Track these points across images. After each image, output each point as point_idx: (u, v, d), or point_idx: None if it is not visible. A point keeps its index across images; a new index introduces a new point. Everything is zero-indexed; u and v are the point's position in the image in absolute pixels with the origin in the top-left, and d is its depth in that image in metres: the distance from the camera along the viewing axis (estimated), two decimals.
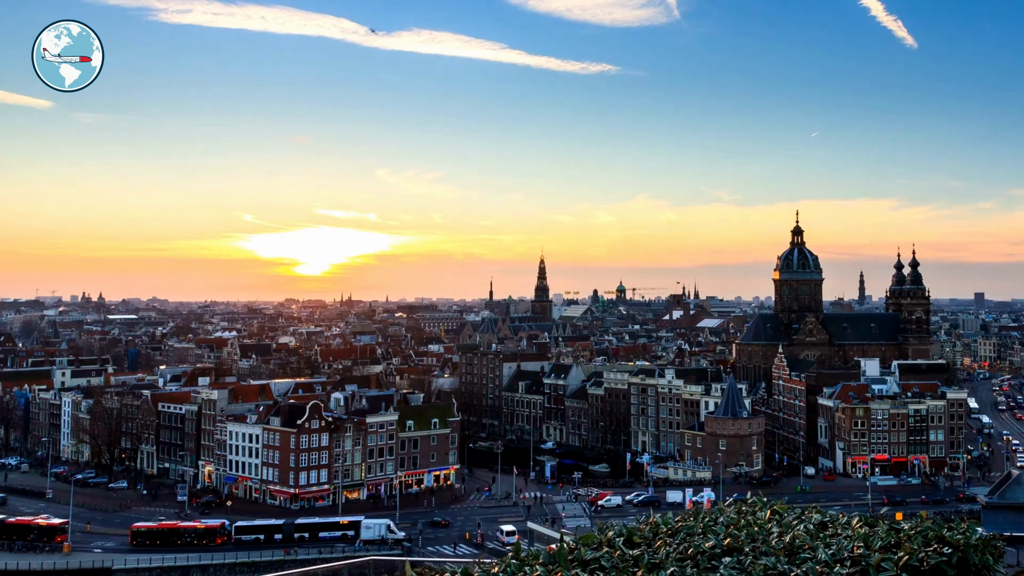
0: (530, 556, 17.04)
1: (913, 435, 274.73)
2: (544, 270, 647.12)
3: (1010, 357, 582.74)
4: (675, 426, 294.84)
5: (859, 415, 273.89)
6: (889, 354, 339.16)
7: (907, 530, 17.03)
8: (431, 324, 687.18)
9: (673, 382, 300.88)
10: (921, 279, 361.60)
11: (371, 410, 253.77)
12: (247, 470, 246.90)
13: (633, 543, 17.34)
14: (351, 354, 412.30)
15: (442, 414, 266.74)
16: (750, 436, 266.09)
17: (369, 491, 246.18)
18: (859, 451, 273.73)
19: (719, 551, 16.45)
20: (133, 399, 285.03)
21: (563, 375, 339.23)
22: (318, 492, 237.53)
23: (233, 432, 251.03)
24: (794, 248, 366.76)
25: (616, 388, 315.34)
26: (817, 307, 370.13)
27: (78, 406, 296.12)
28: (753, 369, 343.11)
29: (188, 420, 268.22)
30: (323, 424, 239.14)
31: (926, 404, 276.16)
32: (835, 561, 15.63)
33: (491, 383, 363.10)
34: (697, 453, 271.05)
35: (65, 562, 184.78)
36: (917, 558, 15.55)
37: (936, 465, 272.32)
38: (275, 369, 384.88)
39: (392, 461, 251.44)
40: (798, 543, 16.64)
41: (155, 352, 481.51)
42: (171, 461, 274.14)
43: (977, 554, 16.17)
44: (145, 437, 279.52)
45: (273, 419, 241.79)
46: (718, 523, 18.37)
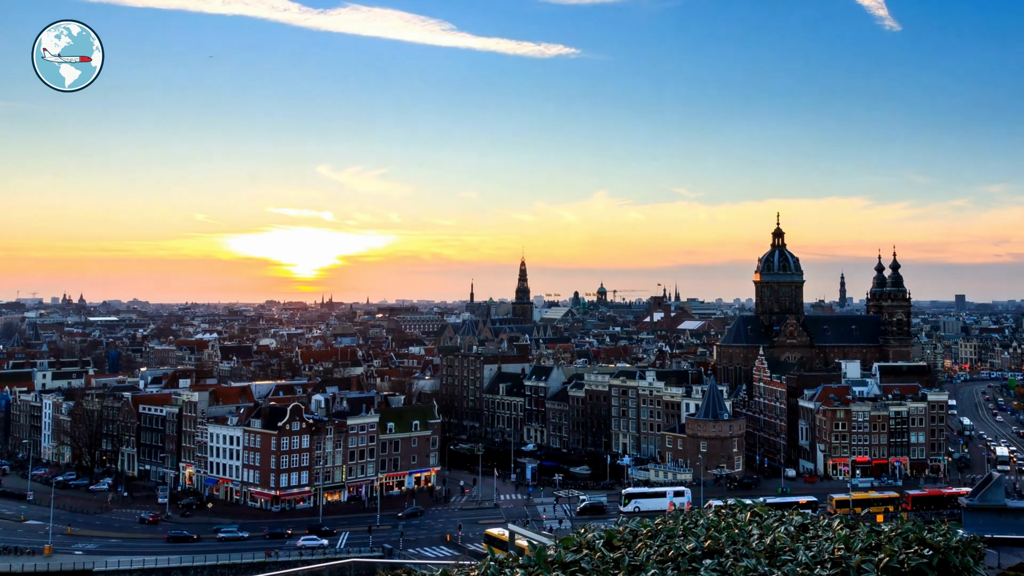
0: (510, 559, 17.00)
1: (894, 437, 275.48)
2: (525, 272, 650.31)
3: (991, 359, 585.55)
4: (656, 428, 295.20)
5: (840, 417, 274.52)
6: (870, 356, 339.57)
7: (888, 532, 17.02)
8: (412, 326, 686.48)
9: (654, 384, 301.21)
10: (902, 281, 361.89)
11: (352, 412, 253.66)
12: (228, 472, 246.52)
13: (613, 545, 17.32)
14: (332, 356, 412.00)
15: (423, 416, 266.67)
16: (731, 438, 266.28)
17: (350, 493, 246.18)
18: (840, 453, 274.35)
19: (700, 553, 16.43)
20: (114, 401, 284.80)
21: (544, 377, 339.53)
22: (299, 494, 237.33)
23: (214, 434, 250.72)
24: (775, 250, 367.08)
25: (597, 390, 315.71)
26: (798, 309, 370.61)
27: (59, 408, 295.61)
28: (734, 371, 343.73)
29: (169, 422, 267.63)
30: (304, 426, 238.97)
31: (907, 406, 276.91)
32: (815, 563, 15.61)
33: (472, 385, 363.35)
34: (678, 455, 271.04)
35: (46, 564, 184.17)
36: (898, 560, 15.54)
37: (917, 467, 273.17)
38: (256, 371, 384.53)
39: (373, 463, 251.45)
40: (779, 545, 16.61)
41: (136, 354, 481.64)
42: (152, 463, 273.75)
43: (958, 556, 16.16)
44: (126, 439, 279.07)
45: (254, 421, 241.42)
46: (699, 525, 18.36)
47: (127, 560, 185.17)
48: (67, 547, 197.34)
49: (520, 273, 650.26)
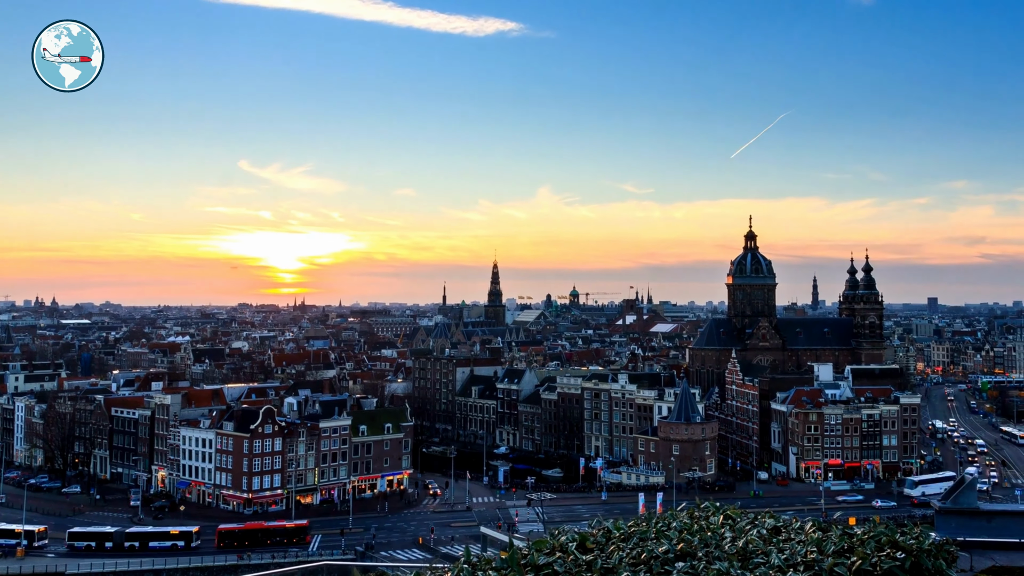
0: (483, 561, 16.95)
1: (867, 440, 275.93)
2: (497, 275, 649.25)
3: (963, 362, 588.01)
4: (628, 431, 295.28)
5: (812, 420, 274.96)
6: (843, 359, 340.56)
7: (860, 535, 17.01)
8: (384, 329, 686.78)
9: (626, 387, 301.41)
10: (874, 284, 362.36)
11: (324, 415, 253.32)
12: (200, 475, 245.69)
13: (586, 548, 17.28)
14: (304, 359, 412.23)
15: (395, 419, 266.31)
16: (703, 441, 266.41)
17: (322, 496, 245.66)
18: (812, 456, 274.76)
19: (672, 556, 16.40)
20: (86, 404, 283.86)
21: (516, 380, 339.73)
22: (271, 497, 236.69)
23: (186, 437, 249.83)
24: (747, 253, 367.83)
25: (569, 393, 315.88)
26: (771, 312, 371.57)
27: (31, 411, 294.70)
28: (707, 374, 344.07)
29: (141, 425, 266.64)
30: (276, 429, 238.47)
31: (879, 409, 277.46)
32: (788, 566, 15.59)
33: (444, 388, 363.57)
34: (650, 458, 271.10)
35: (19, 567, 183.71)
36: (870, 563, 15.53)
37: (890, 470, 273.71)
38: (228, 374, 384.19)
39: (345, 466, 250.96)
40: (751, 548, 16.58)
41: (108, 357, 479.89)
42: (124, 466, 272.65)
43: (930, 559, 16.16)
44: (98, 442, 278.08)
45: (226, 424, 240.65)
46: (671, 528, 18.32)
47: (99, 563, 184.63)
48: (39, 550, 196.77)
49: (492, 276, 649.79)
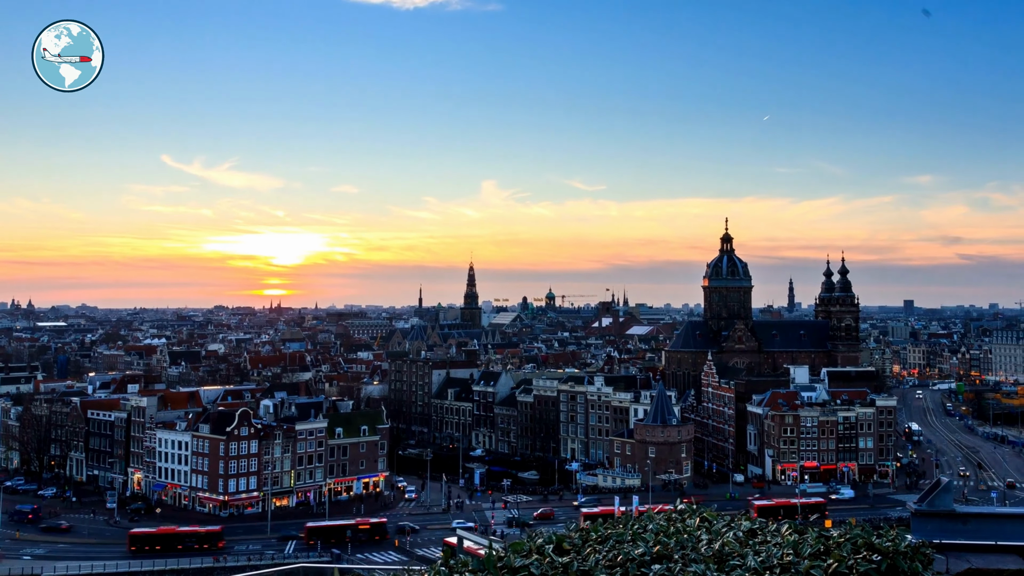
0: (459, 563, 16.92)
1: (842, 442, 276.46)
2: (473, 277, 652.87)
3: (939, 364, 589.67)
4: (604, 433, 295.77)
5: (788, 422, 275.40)
6: (819, 361, 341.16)
7: (836, 537, 17.02)
8: (360, 331, 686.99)
9: (602, 389, 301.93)
10: (850, 286, 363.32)
11: (300, 417, 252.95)
12: (176, 477, 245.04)
13: (563, 550, 17.25)
14: (280, 361, 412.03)
15: (371, 421, 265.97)
16: (679, 443, 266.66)
17: (299, 498, 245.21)
18: (788, 458, 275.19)
19: (648, 558, 16.37)
20: (62, 406, 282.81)
21: (492, 382, 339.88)
22: (247, 499, 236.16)
23: (162, 439, 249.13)
24: (723, 255, 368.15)
25: (545, 395, 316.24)
26: (747, 314, 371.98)
27: (7, 413, 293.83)
28: (683, 376, 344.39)
29: (117, 427, 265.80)
30: (252, 431, 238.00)
31: (855, 412, 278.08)
32: (764, 568, 15.58)
33: (420, 390, 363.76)
34: (626, 460, 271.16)
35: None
36: (846, 565, 15.54)
37: (865, 472, 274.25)
38: (204, 376, 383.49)
39: (322, 468, 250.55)
40: (727, 550, 16.58)
41: (84, 359, 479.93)
42: (101, 468, 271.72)
43: (906, 561, 16.18)
44: (74, 444, 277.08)
45: (202, 426, 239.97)
46: (647, 530, 18.31)
47: (75, 565, 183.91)
48: (15, 552, 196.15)
49: (468, 278, 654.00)
